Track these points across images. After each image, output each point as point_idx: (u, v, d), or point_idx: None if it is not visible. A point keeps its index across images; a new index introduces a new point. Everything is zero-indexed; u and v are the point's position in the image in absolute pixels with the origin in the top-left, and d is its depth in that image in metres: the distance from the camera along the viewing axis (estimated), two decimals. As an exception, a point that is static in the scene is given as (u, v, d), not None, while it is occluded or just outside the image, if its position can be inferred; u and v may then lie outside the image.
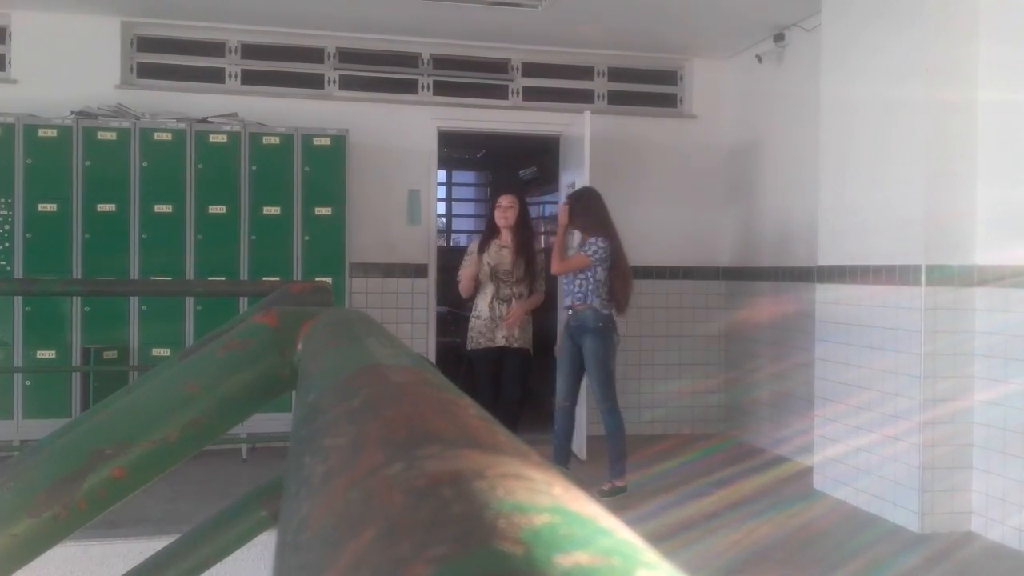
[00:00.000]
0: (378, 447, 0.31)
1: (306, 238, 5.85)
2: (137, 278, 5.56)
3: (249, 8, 5.94)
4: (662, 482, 5.17)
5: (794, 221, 6.00)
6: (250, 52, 6.44)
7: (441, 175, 10.33)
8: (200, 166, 5.72)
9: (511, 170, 10.90)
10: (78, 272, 5.50)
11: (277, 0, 5.78)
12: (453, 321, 8.54)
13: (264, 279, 5.39)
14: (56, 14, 5.97)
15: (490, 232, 5.29)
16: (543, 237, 8.69)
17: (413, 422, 0.34)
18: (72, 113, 5.69)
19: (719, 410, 6.93)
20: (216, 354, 0.73)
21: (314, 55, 6.53)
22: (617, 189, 6.00)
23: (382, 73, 6.64)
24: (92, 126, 5.61)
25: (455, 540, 0.22)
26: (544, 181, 9.63)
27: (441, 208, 11.07)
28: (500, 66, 6.83)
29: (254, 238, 5.77)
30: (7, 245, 5.49)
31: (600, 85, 6.98)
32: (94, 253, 5.55)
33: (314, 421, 0.41)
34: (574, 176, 6.18)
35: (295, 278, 5.71)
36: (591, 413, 5.62)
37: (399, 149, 6.49)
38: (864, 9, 4.90)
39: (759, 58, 6.45)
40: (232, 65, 6.41)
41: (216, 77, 6.39)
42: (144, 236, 5.63)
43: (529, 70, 6.86)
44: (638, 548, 0.23)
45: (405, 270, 6.51)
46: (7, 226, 5.50)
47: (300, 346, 0.72)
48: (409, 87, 6.69)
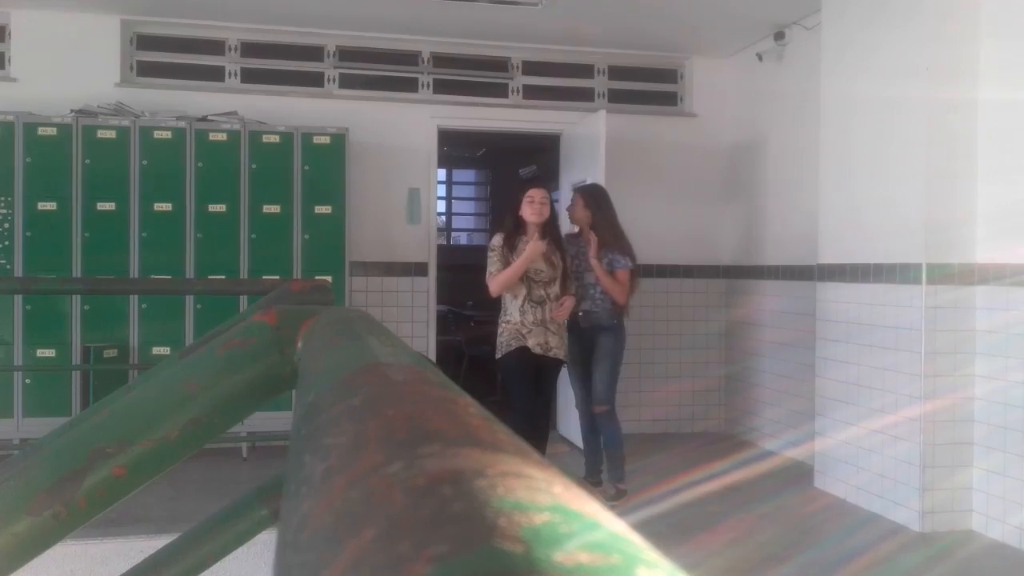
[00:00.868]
0: (378, 446, 0.31)
1: (306, 236, 5.85)
2: (137, 277, 5.56)
3: (249, 6, 5.94)
4: (662, 481, 5.17)
5: (795, 220, 6.00)
6: (250, 50, 6.44)
7: (441, 173, 10.33)
8: (200, 164, 5.72)
9: (511, 169, 10.90)
10: (78, 271, 5.50)
11: (277, -2, 5.78)
12: (453, 320, 8.55)
13: (264, 278, 5.39)
14: (56, 12, 5.97)
15: (515, 228, 4.77)
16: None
17: (413, 421, 0.34)
18: (72, 111, 5.69)
19: (719, 408, 6.93)
20: (216, 353, 0.73)
21: (314, 53, 6.53)
22: (618, 188, 5.99)
23: (382, 71, 6.64)
24: (92, 124, 5.61)
25: (455, 539, 0.22)
26: (544, 179, 9.62)
27: (441, 207, 11.07)
28: (500, 64, 6.83)
29: (254, 237, 5.77)
30: (7, 244, 5.49)
31: (600, 83, 6.98)
32: (94, 252, 5.55)
33: (314, 420, 0.41)
34: (580, 175, 6.18)
35: (295, 277, 5.71)
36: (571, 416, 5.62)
37: (399, 147, 6.49)
38: (864, 8, 4.90)
39: (759, 56, 6.45)
40: (232, 63, 6.41)
41: (216, 75, 6.39)
42: (144, 235, 5.63)
43: (529, 68, 6.85)
44: (638, 547, 0.23)
45: (405, 269, 6.51)
46: (7, 225, 5.50)
47: (300, 344, 0.72)
48: (409, 85, 6.69)
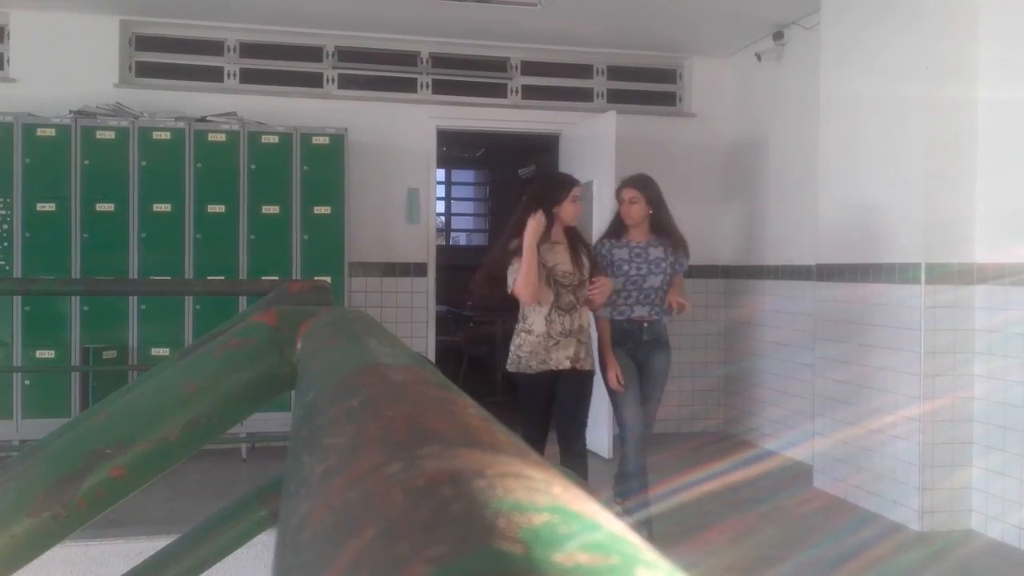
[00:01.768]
0: (377, 446, 0.31)
1: (305, 237, 5.84)
2: (136, 277, 5.56)
3: (248, 7, 5.93)
4: (661, 480, 5.17)
5: (794, 219, 6.00)
6: (249, 51, 6.44)
7: (440, 174, 10.34)
8: (199, 165, 5.72)
9: (510, 169, 10.90)
10: (77, 272, 5.50)
11: (276, -1, 5.78)
12: (452, 320, 8.54)
13: (263, 278, 5.39)
14: (55, 13, 5.97)
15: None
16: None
17: (412, 421, 0.34)
18: (71, 112, 5.69)
19: (719, 408, 6.93)
20: (215, 353, 0.73)
21: (313, 54, 6.53)
22: (609, 186, 5.99)
23: (381, 72, 6.64)
24: (91, 125, 5.61)
25: (454, 539, 0.22)
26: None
27: (440, 207, 11.07)
28: (499, 64, 6.83)
29: (253, 237, 5.77)
30: (6, 245, 5.49)
31: (599, 83, 6.98)
32: (93, 252, 5.54)
33: (313, 420, 0.41)
34: (585, 176, 6.18)
35: (294, 277, 5.71)
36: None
37: (398, 148, 6.49)
38: (864, 7, 4.90)
39: (758, 56, 6.45)
40: (231, 64, 6.41)
41: (215, 76, 6.39)
42: (143, 235, 5.63)
43: (528, 68, 6.85)
44: (637, 547, 0.23)
45: (404, 269, 6.51)
46: (6, 225, 5.49)
47: (299, 345, 0.72)
48: (408, 86, 6.69)
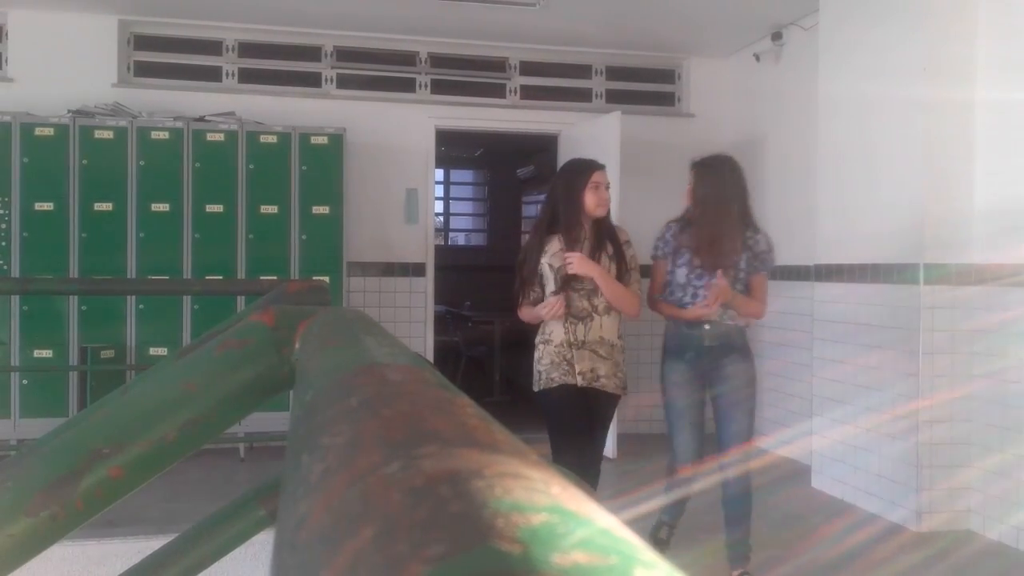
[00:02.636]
0: (376, 446, 0.31)
1: (303, 237, 5.84)
2: (134, 277, 5.56)
3: (246, 6, 5.93)
4: (659, 479, 5.17)
5: (792, 220, 6.00)
6: (247, 50, 6.44)
7: (439, 174, 10.34)
8: (197, 165, 5.72)
9: (509, 169, 10.91)
10: (75, 271, 5.50)
11: (275, -1, 5.78)
12: (451, 320, 8.54)
13: (261, 278, 5.38)
14: (53, 12, 5.96)
15: (549, 226, 3.50)
16: None
17: (411, 421, 0.34)
18: (69, 112, 5.68)
19: (717, 409, 6.93)
20: (214, 353, 0.73)
21: (311, 53, 6.53)
22: (615, 187, 5.99)
23: (380, 72, 6.63)
24: (89, 125, 5.60)
25: (453, 539, 0.22)
26: (542, 180, 9.62)
27: (439, 207, 11.08)
28: (498, 65, 6.83)
29: (251, 237, 5.77)
30: (4, 244, 5.48)
31: (598, 84, 6.98)
32: (91, 252, 5.54)
33: (312, 420, 0.41)
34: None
35: (292, 277, 5.70)
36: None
37: (397, 148, 6.49)
38: (862, 8, 4.90)
39: (757, 57, 6.46)
40: (229, 64, 6.41)
41: (213, 76, 6.39)
42: (141, 235, 5.62)
43: (527, 69, 6.85)
44: (636, 547, 0.23)
45: (403, 269, 6.51)
46: (4, 225, 5.49)
47: (298, 345, 0.72)
48: (407, 86, 6.68)
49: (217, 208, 5.73)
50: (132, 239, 5.61)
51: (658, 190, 6.86)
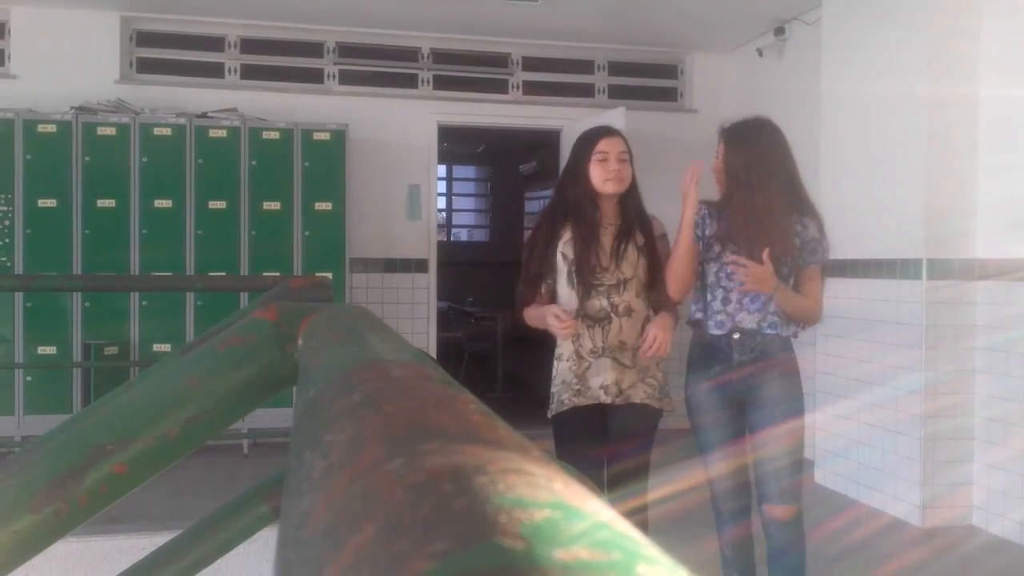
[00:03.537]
0: (379, 442, 0.31)
1: (306, 233, 5.85)
2: (137, 274, 5.57)
3: (248, 3, 5.93)
4: (661, 477, 5.17)
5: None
6: (249, 47, 6.44)
7: (441, 170, 10.34)
8: (200, 161, 5.72)
9: (511, 165, 10.90)
10: (78, 268, 5.51)
11: (276, -5, 5.78)
12: (454, 316, 8.55)
13: (264, 274, 5.39)
14: (55, 9, 5.96)
15: (562, 211, 2.93)
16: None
17: (413, 417, 0.34)
18: (71, 108, 5.69)
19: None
20: (217, 349, 0.73)
21: (314, 49, 6.52)
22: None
23: (382, 67, 6.63)
24: (91, 121, 5.61)
25: (456, 535, 0.22)
26: (544, 176, 9.62)
27: (441, 203, 11.08)
28: (500, 60, 6.82)
29: (254, 233, 5.77)
30: (7, 241, 5.49)
31: (600, 79, 6.97)
32: (94, 249, 5.55)
33: (315, 416, 0.41)
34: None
35: (295, 273, 5.71)
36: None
37: (399, 144, 6.49)
38: (865, 3, 4.89)
39: (760, 52, 6.44)
40: (232, 60, 6.41)
41: (216, 72, 6.39)
42: (144, 232, 5.63)
43: (529, 64, 6.85)
44: (639, 543, 0.23)
45: (405, 265, 6.51)
46: (7, 222, 5.50)
47: (300, 341, 0.72)
48: (409, 81, 6.68)
49: (220, 204, 5.73)
50: (135, 236, 5.61)
51: (660, 186, 6.85)
